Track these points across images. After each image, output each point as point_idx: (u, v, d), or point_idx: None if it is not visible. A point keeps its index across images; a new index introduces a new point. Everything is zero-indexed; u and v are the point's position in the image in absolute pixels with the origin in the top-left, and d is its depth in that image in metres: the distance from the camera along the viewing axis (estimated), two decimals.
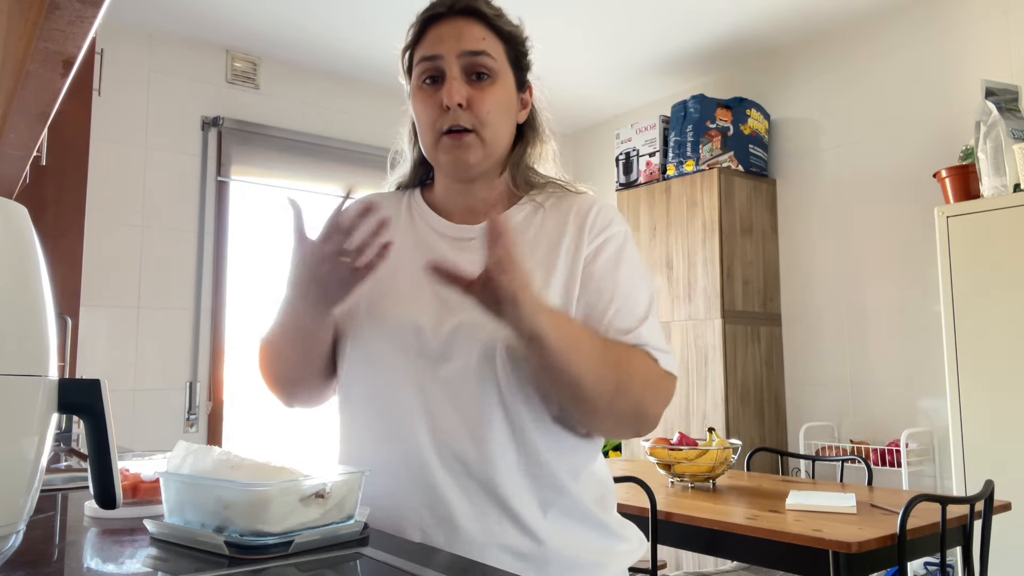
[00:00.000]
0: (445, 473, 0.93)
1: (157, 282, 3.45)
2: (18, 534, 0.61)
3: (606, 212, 1.04)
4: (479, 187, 1.06)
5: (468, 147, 0.99)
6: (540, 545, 0.93)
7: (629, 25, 3.48)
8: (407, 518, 0.94)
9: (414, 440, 0.95)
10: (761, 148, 3.73)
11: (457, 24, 1.00)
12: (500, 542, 0.92)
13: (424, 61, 1.01)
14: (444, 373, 0.95)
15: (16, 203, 0.62)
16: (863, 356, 3.37)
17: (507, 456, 0.94)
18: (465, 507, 0.93)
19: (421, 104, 1.02)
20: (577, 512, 0.97)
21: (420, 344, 0.97)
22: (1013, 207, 2.53)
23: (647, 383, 0.95)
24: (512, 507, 0.93)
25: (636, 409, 0.94)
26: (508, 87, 1.03)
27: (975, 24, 3.08)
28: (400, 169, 1.16)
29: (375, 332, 1.00)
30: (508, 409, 0.94)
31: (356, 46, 3.67)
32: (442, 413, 0.95)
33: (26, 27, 0.67)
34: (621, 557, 1.01)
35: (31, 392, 0.59)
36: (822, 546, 1.72)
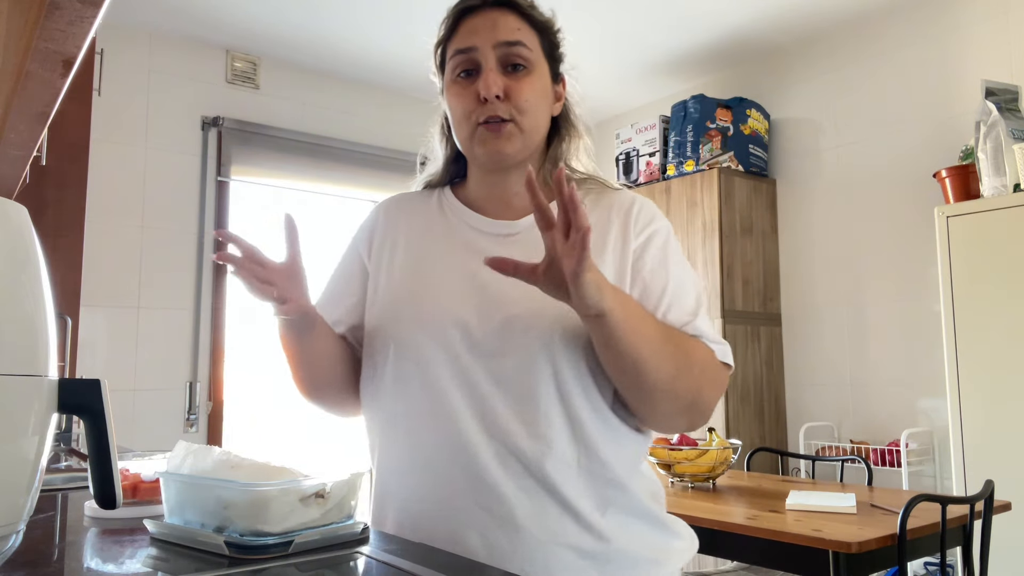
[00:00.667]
0: (503, 473, 0.91)
1: (157, 282, 3.45)
2: (18, 534, 0.61)
3: (648, 208, 1.03)
4: (514, 180, 1.04)
5: (507, 136, 0.98)
6: (603, 542, 0.92)
7: (629, 25, 3.48)
8: (464, 522, 0.91)
9: (469, 441, 0.92)
10: (761, 148, 3.73)
11: (491, 16, 0.99)
12: (563, 541, 0.90)
13: (459, 54, 0.99)
14: (497, 369, 0.93)
15: (16, 203, 0.62)
16: (863, 356, 3.36)
17: (567, 453, 0.91)
18: (526, 506, 0.90)
19: (456, 97, 1.00)
20: (634, 509, 0.96)
21: (468, 341, 0.94)
22: (1013, 207, 2.53)
23: (705, 370, 0.93)
24: (573, 505, 0.91)
25: (694, 396, 0.92)
26: (544, 78, 1.02)
27: (975, 24, 3.08)
28: (430, 167, 1.15)
29: (419, 332, 0.97)
30: (567, 404, 0.92)
31: (356, 46, 3.67)
32: (497, 411, 0.92)
33: (26, 27, 0.67)
34: (677, 555, 1.00)
35: (31, 392, 0.59)
36: (822, 546, 1.72)
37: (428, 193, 1.13)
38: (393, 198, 1.15)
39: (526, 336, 0.92)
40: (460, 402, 0.93)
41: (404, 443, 0.98)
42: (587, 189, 1.06)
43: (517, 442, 0.91)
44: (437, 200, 1.10)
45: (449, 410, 0.93)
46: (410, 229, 1.08)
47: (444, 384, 0.94)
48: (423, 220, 1.08)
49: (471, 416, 0.92)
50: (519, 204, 1.04)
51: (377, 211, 1.14)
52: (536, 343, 0.92)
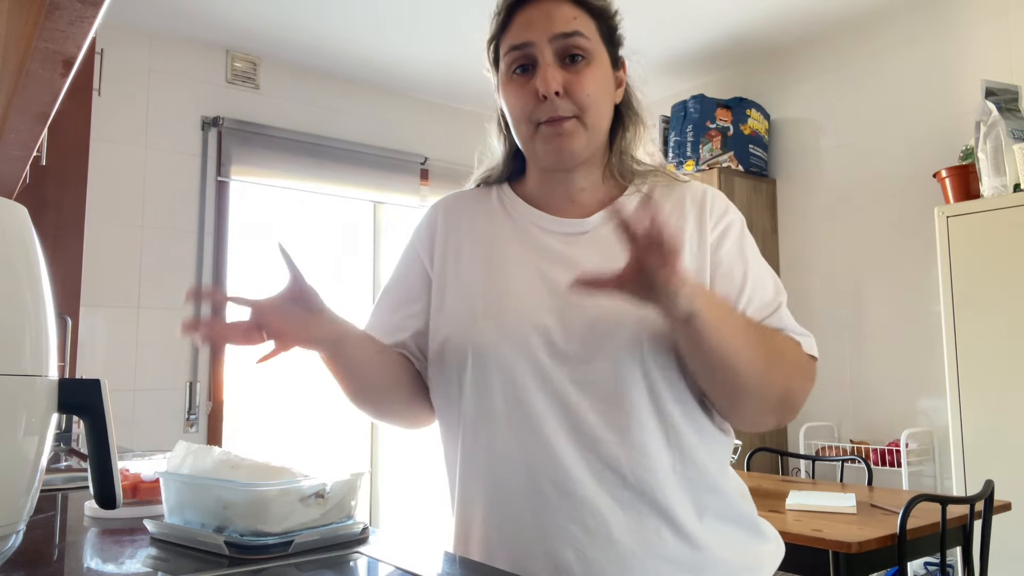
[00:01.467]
0: (596, 484, 0.87)
1: (157, 282, 3.45)
2: (18, 534, 0.61)
3: (720, 199, 1.00)
4: (579, 176, 0.99)
5: (570, 135, 0.93)
6: (698, 551, 0.89)
7: (628, 25, 3.47)
8: (558, 538, 0.87)
9: (557, 452, 0.87)
10: (761, 148, 3.73)
11: (545, 6, 0.93)
12: (659, 553, 0.87)
13: (513, 50, 0.94)
14: (582, 375, 0.88)
15: (16, 203, 0.62)
16: (863, 356, 3.36)
17: (662, 459, 0.88)
18: (621, 518, 0.86)
19: (514, 96, 0.95)
20: (729, 512, 0.93)
21: (551, 347, 0.89)
22: (1013, 207, 2.53)
23: (794, 364, 0.90)
24: (671, 514, 0.88)
25: (784, 392, 0.89)
26: (604, 67, 0.97)
27: (975, 24, 3.08)
28: (487, 164, 1.08)
29: (498, 340, 0.92)
30: (659, 407, 0.88)
31: (356, 46, 3.67)
32: (586, 420, 0.87)
33: (26, 27, 0.67)
34: (769, 559, 0.96)
35: (31, 392, 0.59)
36: (822, 546, 1.72)
37: (485, 191, 1.07)
38: (449, 198, 1.10)
39: (612, 339, 0.88)
40: (546, 412, 0.89)
41: (487, 457, 0.93)
42: (654, 182, 1.01)
43: (609, 450, 0.87)
44: (497, 198, 1.05)
45: (535, 420, 0.89)
46: (474, 231, 1.03)
47: (528, 393, 0.89)
48: (486, 221, 1.03)
49: (559, 426, 0.88)
50: (585, 200, 1.00)
51: (435, 213, 1.08)
52: (624, 346, 0.88)
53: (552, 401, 0.89)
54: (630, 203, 0.98)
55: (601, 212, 0.97)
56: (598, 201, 1.00)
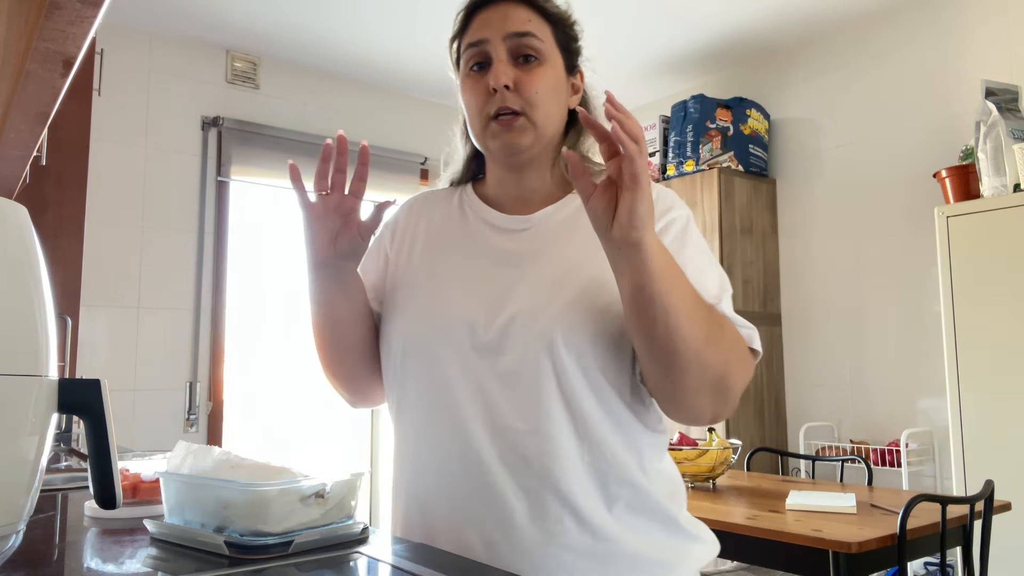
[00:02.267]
0: (504, 470, 0.90)
1: (157, 282, 3.45)
2: (18, 534, 0.61)
3: (665, 196, 1.02)
4: (531, 176, 1.03)
5: (519, 130, 0.97)
6: (602, 542, 0.90)
7: (629, 25, 3.48)
8: (466, 519, 0.91)
9: (471, 437, 0.92)
10: (761, 148, 3.73)
11: (502, 8, 0.99)
12: (560, 541, 0.89)
13: (471, 48, 0.99)
14: (500, 367, 0.92)
15: (16, 203, 0.62)
16: (863, 356, 3.36)
17: (569, 450, 0.90)
18: (525, 505, 0.90)
19: (469, 91, 1.00)
20: (644, 506, 0.94)
21: (474, 338, 0.94)
22: (1013, 207, 2.53)
23: (735, 348, 0.90)
24: (575, 504, 0.90)
25: (723, 370, 0.88)
26: (557, 69, 1.01)
27: (975, 24, 3.08)
28: (452, 166, 1.15)
29: (427, 328, 0.97)
30: (569, 400, 0.91)
31: (356, 46, 3.67)
32: (499, 408, 0.92)
33: (26, 27, 0.67)
34: (693, 557, 0.97)
35: (31, 392, 0.59)
36: (822, 546, 1.72)
37: (452, 191, 1.13)
38: (419, 195, 1.16)
39: (527, 332, 0.91)
40: (465, 399, 0.93)
41: (413, 437, 0.99)
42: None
43: (519, 439, 0.90)
44: (458, 198, 1.10)
45: (455, 406, 0.93)
46: (429, 226, 1.09)
47: (451, 381, 0.94)
48: (442, 217, 1.09)
49: (476, 413, 0.92)
50: (537, 200, 1.04)
51: (403, 206, 1.15)
52: (536, 340, 0.91)
53: (472, 390, 0.93)
54: (574, 201, 1.02)
55: (543, 210, 1.02)
56: (550, 199, 1.04)
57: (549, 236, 0.99)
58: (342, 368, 1.07)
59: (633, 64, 3.92)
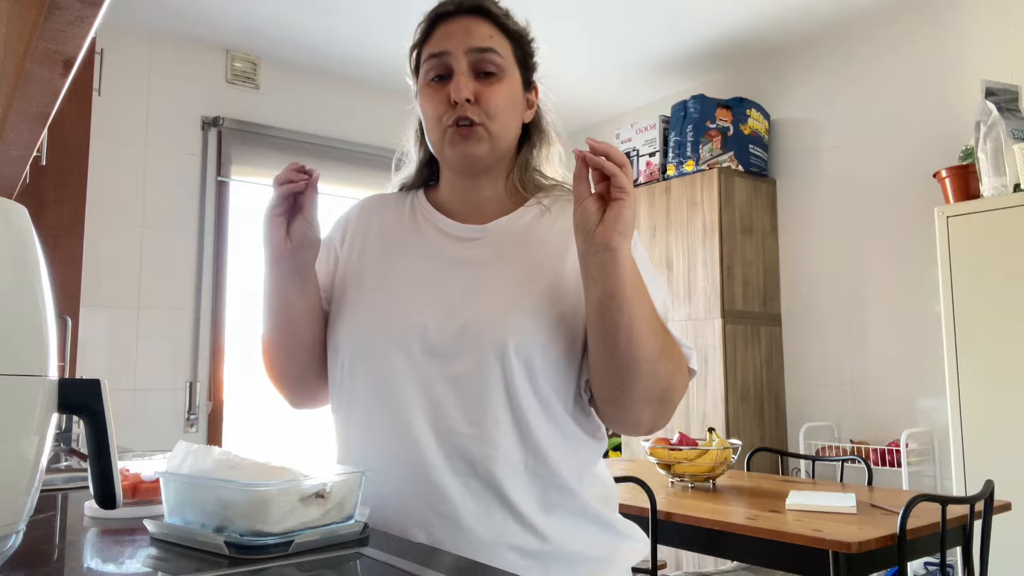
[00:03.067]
0: (450, 472, 0.93)
1: (157, 282, 3.45)
2: (18, 534, 0.61)
3: None
4: (485, 185, 1.06)
5: (476, 140, 0.99)
6: (545, 543, 0.93)
7: (629, 25, 3.48)
8: (411, 518, 0.93)
9: (418, 439, 0.94)
10: (761, 148, 3.73)
11: (465, 22, 1.01)
12: (506, 541, 0.92)
13: (432, 58, 1.02)
14: (450, 371, 0.95)
15: (16, 203, 0.62)
16: (863, 356, 3.36)
17: (512, 455, 0.93)
18: (470, 506, 0.92)
19: (428, 100, 1.02)
20: (582, 511, 0.97)
21: (424, 342, 0.96)
22: (1013, 207, 2.53)
23: (679, 362, 0.95)
24: (516, 506, 0.93)
25: (669, 384, 0.93)
26: (515, 85, 1.03)
27: (975, 24, 3.08)
28: (405, 170, 1.16)
29: (378, 331, 0.99)
30: (515, 408, 0.93)
31: (356, 46, 3.67)
32: (447, 412, 0.94)
33: (26, 27, 0.67)
34: (626, 554, 1.02)
35: (31, 392, 0.59)
36: (822, 546, 1.72)
37: (403, 195, 1.15)
38: (370, 197, 1.18)
39: (479, 340, 0.94)
40: (413, 401, 0.95)
41: (360, 437, 1.01)
42: (555, 196, 1.07)
43: (465, 443, 0.93)
44: (410, 203, 1.12)
45: (403, 409, 0.95)
46: (380, 229, 1.10)
47: (399, 383, 0.96)
48: (394, 221, 1.10)
49: (423, 416, 0.94)
50: (489, 208, 1.06)
51: (354, 207, 1.16)
52: (488, 347, 0.93)
53: (420, 393, 0.95)
54: (525, 214, 1.05)
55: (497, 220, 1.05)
56: (502, 209, 1.07)
57: (504, 245, 1.01)
58: (292, 368, 1.07)
59: (633, 64, 3.92)
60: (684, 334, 3.54)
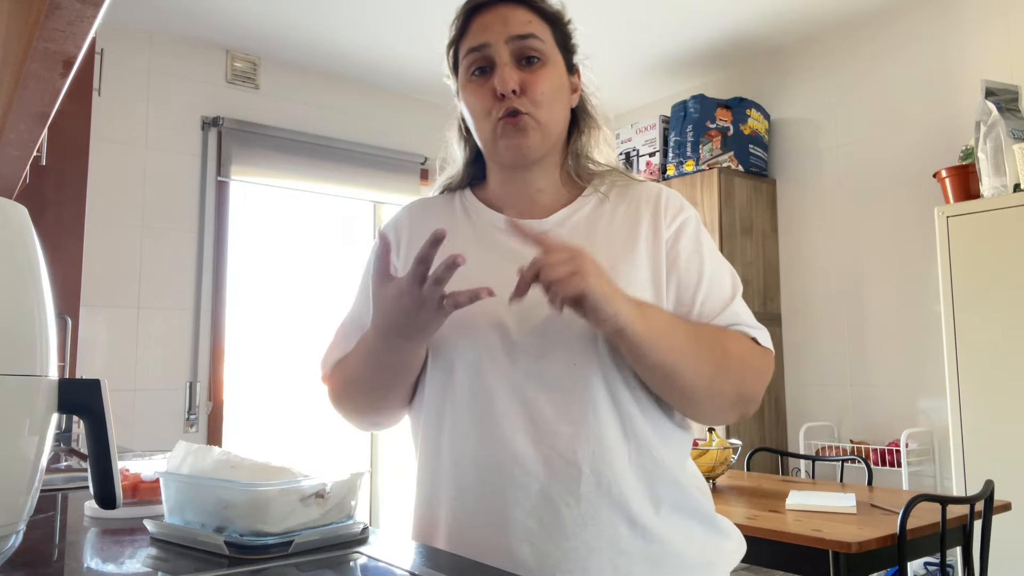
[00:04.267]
0: (552, 479, 0.88)
1: (157, 282, 3.45)
2: (18, 534, 0.61)
3: (675, 197, 1.03)
4: (537, 176, 1.02)
5: (526, 130, 0.96)
6: (654, 544, 0.90)
7: (629, 25, 3.48)
8: (512, 532, 0.88)
9: (515, 448, 0.89)
10: (761, 148, 3.73)
11: (501, 11, 0.98)
12: (615, 545, 0.88)
13: (472, 52, 0.98)
14: (539, 371, 0.91)
15: (16, 203, 0.62)
16: (863, 356, 3.36)
17: (619, 452, 0.89)
18: (575, 513, 0.88)
19: (473, 96, 0.98)
20: (687, 506, 0.94)
21: (507, 344, 0.92)
22: (1013, 207, 2.53)
23: (746, 362, 0.93)
24: (627, 506, 0.89)
25: (738, 390, 0.92)
26: (559, 69, 1.00)
27: (975, 24, 3.08)
28: (449, 170, 1.12)
29: (457, 338, 0.94)
30: (616, 400, 0.90)
31: (356, 46, 3.67)
32: (543, 414, 0.90)
33: (26, 27, 0.67)
34: (728, 556, 0.98)
35: (31, 392, 0.59)
36: (822, 546, 1.72)
37: (448, 197, 1.11)
38: (416, 202, 1.13)
39: (568, 334, 0.90)
40: (505, 407, 0.91)
41: (449, 453, 0.95)
42: (611, 182, 1.04)
43: (566, 443, 0.89)
44: (460, 203, 1.08)
45: (494, 416, 0.91)
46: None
47: (487, 389, 0.92)
48: (449, 224, 1.02)
49: (517, 421, 0.90)
50: (544, 201, 1.03)
51: (402, 213, 1.11)
52: (579, 340, 0.90)
53: (511, 396, 0.91)
54: (585, 204, 1.02)
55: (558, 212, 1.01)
56: (557, 202, 1.03)
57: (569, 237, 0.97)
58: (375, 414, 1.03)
59: (633, 64, 3.92)
60: None
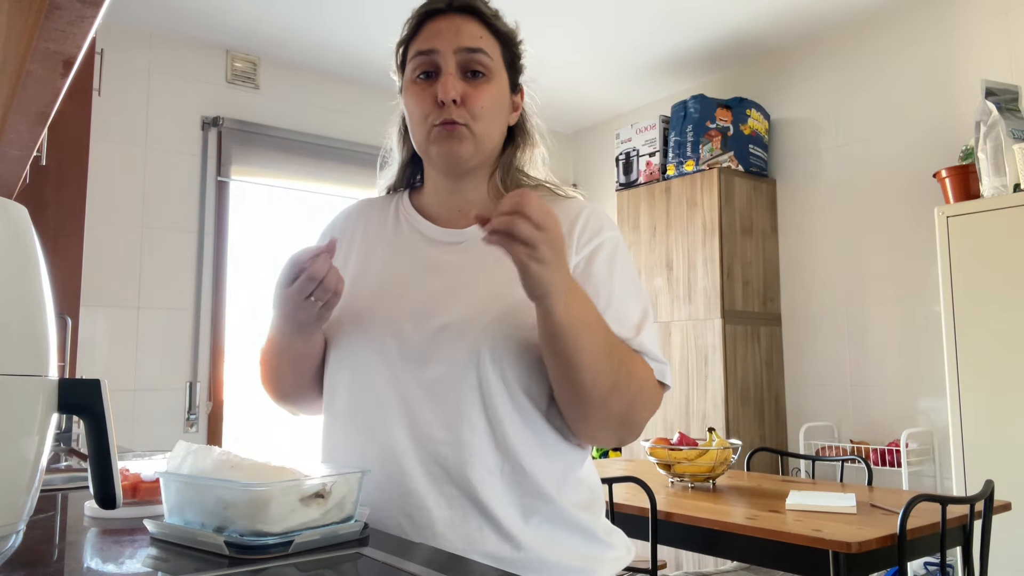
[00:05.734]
0: (425, 479, 0.92)
1: (157, 282, 3.45)
2: (18, 534, 0.61)
3: (596, 218, 1.03)
4: (468, 187, 1.05)
5: (460, 139, 0.98)
6: (521, 551, 0.92)
7: (629, 25, 3.48)
8: (386, 525, 0.93)
9: (394, 445, 0.93)
10: (761, 148, 3.73)
11: (455, 21, 1.00)
12: (480, 549, 0.91)
13: (420, 55, 1.00)
14: (426, 376, 0.94)
15: (16, 203, 0.62)
16: (863, 356, 3.36)
17: (488, 462, 0.92)
18: (445, 514, 0.91)
19: (414, 98, 1.01)
20: (561, 518, 0.96)
21: (401, 346, 0.96)
22: (1013, 207, 2.53)
23: (643, 388, 0.94)
24: (492, 513, 0.91)
25: (627, 412, 0.92)
26: (502, 87, 1.03)
27: (975, 24, 3.08)
28: (388, 171, 1.16)
29: (358, 337, 0.99)
30: (491, 414, 0.92)
31: (356, 46, 3.67)
32: (422, 417, 0.93)
33: (26, 27, 0.67)
34: (607, 564, 0.99)
35: (31, 392, 0.59)
36: (822, 546, 1.72)
37: (389, 199, 1.14)
38: (357, 203, 1.17)
39: (454, 345, 0.93)
40: (391, 407, 0.95)
41: (341, 443, 1.01)
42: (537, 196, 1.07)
43: (440, 448, 0.92)
44: (395, 206, 1.12)
45: (380, 415, 0.95)
46: (365, 237, 1.10)
47: (377, 389, 0.96)
48: (378, 226, 1.10)
49: (400, 422, 0.94)
50: (472, 211, 1.04)
51: (340, 215, 1.16)
52: (463, 352, 0.93)
53: (397, 399, 0.95)
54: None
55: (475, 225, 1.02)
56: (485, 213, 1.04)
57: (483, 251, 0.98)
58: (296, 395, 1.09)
59: (633, 64, 3.92)
60: (684, 334, 3.57)
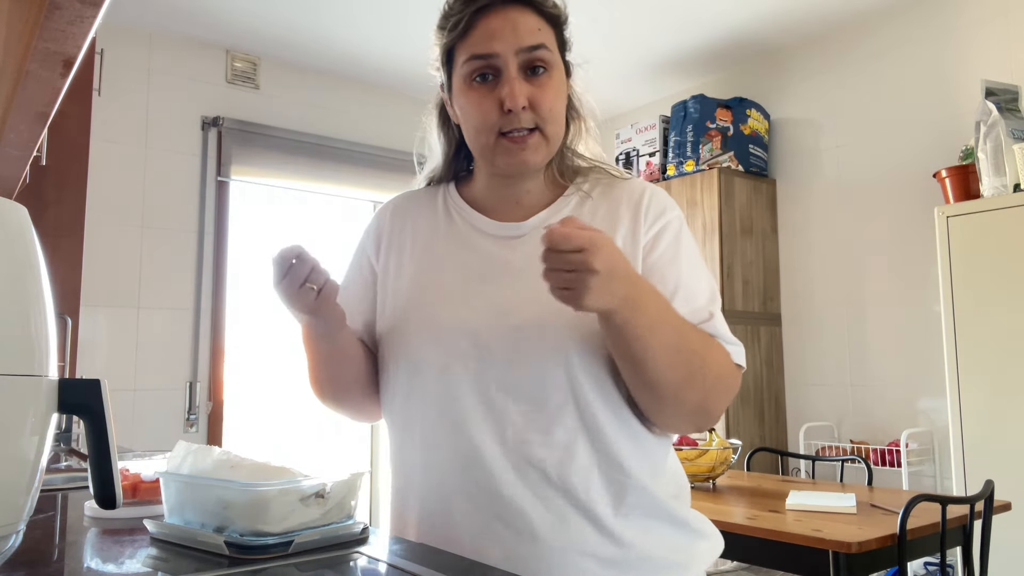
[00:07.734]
0: (521, 484, 0.89)
1: (157, 282, 3.45)
2: (18, 534, 0.61)
3: (659, 198, 0.99)
4: (527, 179, 1.00)
5: (533, 148, 0.93)
6: (622, 548, 0.90)
7: (629, 25, 3.48)
8: (485, 535, 0.89)
9: (483, 453, 0.90)
10: (761, 148, 3.73)
11: (510, 15, 0.92)
12: (581, 549, 0.89)
13: (476, 59, 0.93)
14: (509, 378, 0.90)
15: (16, 203, 0.62)
16: (863, 356, 3.36)
17: (584, 459, 0.89)
18: (544, 516, 0.88)
19: (475, 106, 0.94)
20: (657, 511, 0.93)
21: (478, 349, 0.91)
22: (1013, 207, 2.53)
23: (719, 376, 0.91)
24: (592, 511, 0.89)
25: (701, 403, 0.90)
26: (561, 76, 0.98)
27: (975, 24, 3.08)
28: (431, 163, 1.09)
29: (426, 342, 0.94)
30: (583, 410, 0.90)
31: (356, 46, 3.67)
32: (512, 420, 0.89)
33: (26, 27, 0.67)
34: (701, 556, 0.97)
35: (31, 392, 0.59)
36: (822, 546, 1.72)
37: (433, 191, 1.09)
38: (399, 198, 1.11)
39: (538, 343, 0.90)
40: (474, 412, 0.91)
41: (420, 454, 0.96)
42: (595, 179, 1.02)
43: (534, 451, 0.89)
44: (443, 199, 1.06)
45: (462, 421, 0.91)
46: (416, 231, 1.05)
47: (456, 394, 0.92)
48: (429, 222, 1.05)
49: (485, 427, 0.90)
50: (530, 202, 1.01)
51: (383, 212, 1.10)
52: (549, 350, 0.89)
53: (480, 403, 0.91)
54: (566, 204, 1.00)
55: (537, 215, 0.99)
56: (540, 202, 1.01)
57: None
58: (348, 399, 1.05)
59: (633, 64, 3.92)
60: None
